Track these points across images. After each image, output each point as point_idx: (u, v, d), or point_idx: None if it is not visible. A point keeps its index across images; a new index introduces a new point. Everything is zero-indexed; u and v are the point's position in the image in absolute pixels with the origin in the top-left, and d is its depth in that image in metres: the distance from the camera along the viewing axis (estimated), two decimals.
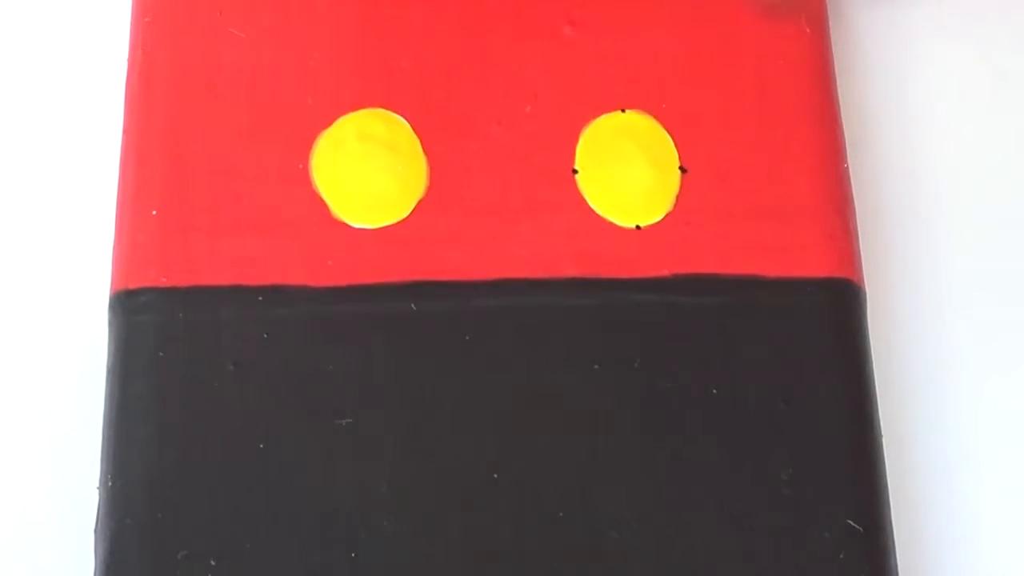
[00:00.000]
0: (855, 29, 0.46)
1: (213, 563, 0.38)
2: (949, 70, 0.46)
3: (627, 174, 0.42)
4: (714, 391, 0.40)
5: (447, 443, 0.39)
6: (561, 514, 0.38)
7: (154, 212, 0.40)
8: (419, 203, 0.41)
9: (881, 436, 0.40)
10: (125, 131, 0.41)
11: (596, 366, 0.40)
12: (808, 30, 0.43)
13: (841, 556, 0.38)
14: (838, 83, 0.43)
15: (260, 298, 0.40)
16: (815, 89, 0.42)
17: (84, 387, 0.41)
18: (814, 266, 0.41)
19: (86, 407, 0.40)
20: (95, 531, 0.38)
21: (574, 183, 0.42)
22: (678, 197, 0.41)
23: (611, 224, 0.41)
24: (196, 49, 0.42)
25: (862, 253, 0.41)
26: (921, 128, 0.45)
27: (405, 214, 0.41)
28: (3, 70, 0.45)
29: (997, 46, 0.46)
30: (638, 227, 0.41)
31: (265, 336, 0.39)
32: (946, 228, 0.44)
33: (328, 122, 0.42)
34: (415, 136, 0.42)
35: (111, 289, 0.40)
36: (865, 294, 0.41)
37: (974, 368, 0.43)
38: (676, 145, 0.42)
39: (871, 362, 0.40)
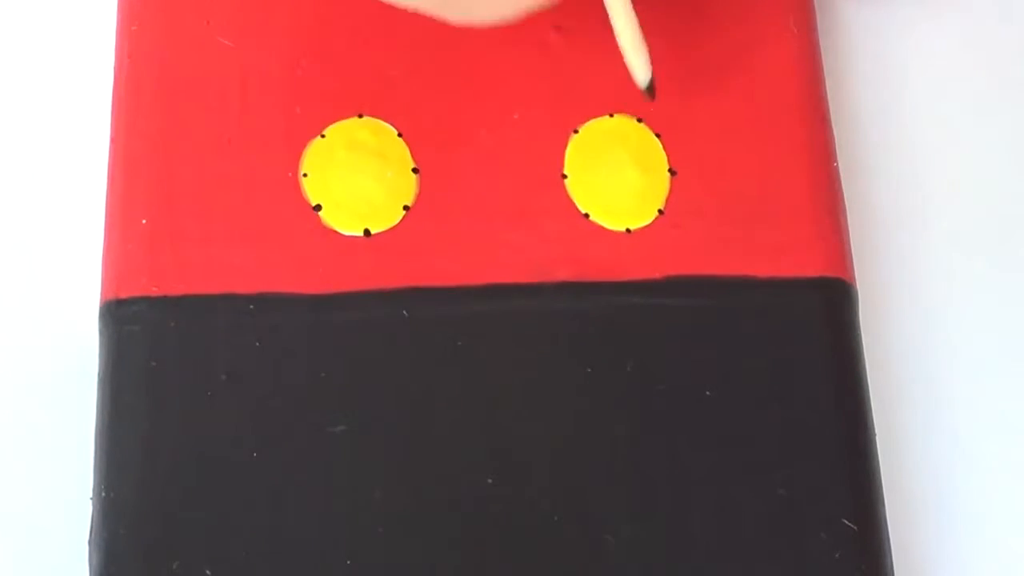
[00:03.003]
0: (843, 28, 0.46)
1: (208, 572, 0.37)
2: (938, 68, 0.46)
3: (616, 178, 0.42)
4: (707, 392, 0.39)
5: (441, 448, 0.39)
6: (556, 518, 0.38)
7: (144, 221, 0.40)
8: (409, 210, 0.41)
9: (874, 434, 0.40)
10: (113, 139, 0.41)
11: (589, 369, 0.40)
12: (795, 30, 0.43)
13: (836, 555, 0.38)
14: (827, 82, 0.43)
15: (252, 306, 0.40)
16: (803, 89, 0.43)
17: (75, 397, 0.40)
18: (805, 265, 0.41)
19: (78, 417, 0.40)
20: (89, 542, 0.38)
21: (563, 188, 0.42)
22: (668, 200, 0.41)
23: (601, 228, 0.41)
24: (183, 57, 0.42)
25: (853, 252, 0.42)
26: (911, 126, 0.45)
27: (395, 221, 0.41)
28: None
29: (987, 44, 0.46)
30: (628, 230, 0.41)
31: (257, 344, 0.39)
32: (937, 226, 0.44)
33: (317, 131, 0.42)
34: (404, 144, 0.42)
35: (101, 298, 0.40)
36: (857, 292, 0.41)
37: (966, 366, 0.43)
38: (664, 148, 0.42)
39: (863, 361, 0.40)
